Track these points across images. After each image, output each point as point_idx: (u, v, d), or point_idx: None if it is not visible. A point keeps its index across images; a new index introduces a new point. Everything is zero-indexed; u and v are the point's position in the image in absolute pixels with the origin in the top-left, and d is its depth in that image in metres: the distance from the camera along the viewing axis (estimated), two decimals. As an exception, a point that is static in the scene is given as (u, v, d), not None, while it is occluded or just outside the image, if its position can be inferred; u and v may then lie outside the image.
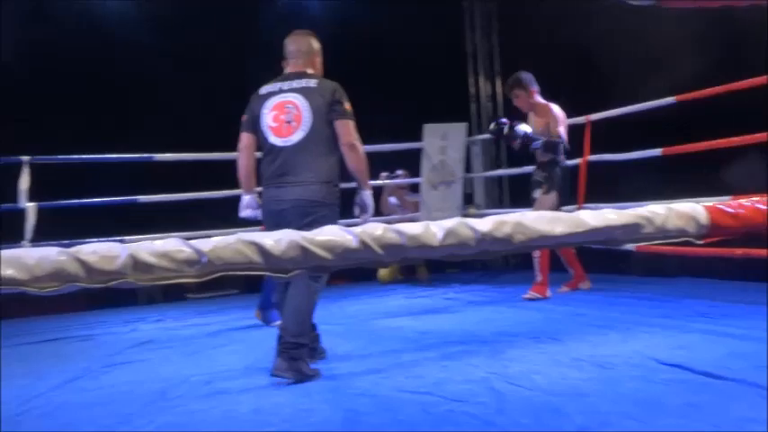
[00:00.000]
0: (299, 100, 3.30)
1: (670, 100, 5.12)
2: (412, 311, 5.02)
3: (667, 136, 5.20)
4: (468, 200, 7.89)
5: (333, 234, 1.43)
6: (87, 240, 4.59)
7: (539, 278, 5.20)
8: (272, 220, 3.30)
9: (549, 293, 5.18)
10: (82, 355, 4.12)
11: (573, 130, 5.47)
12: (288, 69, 3.48)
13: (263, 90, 3.42)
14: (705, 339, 3.25)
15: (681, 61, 5.99)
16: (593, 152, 5.67)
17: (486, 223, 1.50)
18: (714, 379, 2.51)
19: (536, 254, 5.16)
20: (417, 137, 7.25)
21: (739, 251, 4.20)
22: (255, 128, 3.41)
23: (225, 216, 5.57)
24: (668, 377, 2.61)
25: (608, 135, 5.69)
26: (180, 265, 1.34)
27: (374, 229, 1.45)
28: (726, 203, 1.69)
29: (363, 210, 3.49)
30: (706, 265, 5.34)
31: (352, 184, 3.51)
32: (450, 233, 1.47)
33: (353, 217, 3.54)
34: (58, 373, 3.58)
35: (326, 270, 1.53)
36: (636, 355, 2.98)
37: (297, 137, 3.28)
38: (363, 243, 1.42)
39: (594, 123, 5.73)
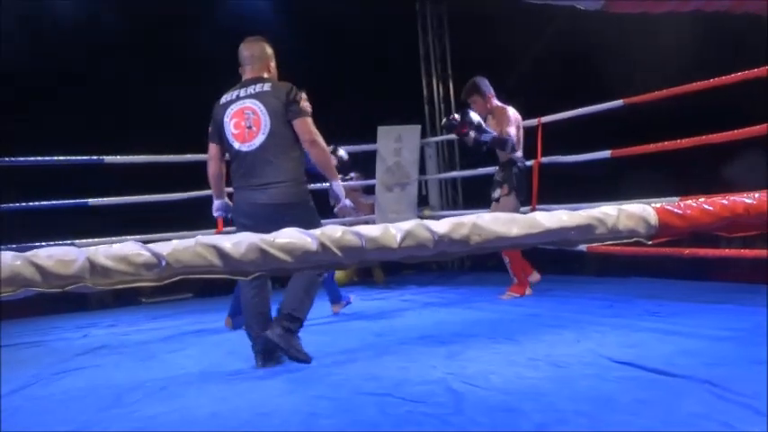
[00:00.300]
0: (256, 105, 3.45)
1: (618, 103, 5.21)
2: (369, 313, 5.03)
3: (625, 137, 5.29)
4: (423, 201, 7.93)
5: (292, 236, 1.43)
6: (39, 244, 4.51)
7: (515, 280, 5.23)
8: (243, 222, 3.48)
9: (528, 291, 5.21)
10: (33, 362, 4.04)
11: (528, 131, 5.54)
12: (245, 76, 3.62)
13: (223, 99, 3.57)
14: (655, 338, 3.32)
15: (630, 63, 6.12)
16: (561, 153, 5.72)
17: (444, 225, 1.53)
18: (664, 376, 2.57)
19: (506, 258, 5.20)
20: (372, 139, 7.26)
21: (686, 251, 4.31)
22: (220, 137, 3.56)
23: (182, 218, 5.53)
24: (620, 375, 2.66)
25: (569, 136, 5.76)
26: (138, 269, 1.33)
27: (333, 232, 1.46)
28: (674, 204, 1.75)
29: (337, 200, 3.73)
30: (657, 265, 5.45)
31: (324, 186, 3.60)
32: (408, 235, 1.49)
33: (332, 214, 3.76)
34: (9, 380, 3.49)
35: (289, 271, 1.53)
36: (589, 354, 3.04)
37: (258, 141, 3.44)
38: (323, 245, 1.43)
39: (555, 124, 5.78)
